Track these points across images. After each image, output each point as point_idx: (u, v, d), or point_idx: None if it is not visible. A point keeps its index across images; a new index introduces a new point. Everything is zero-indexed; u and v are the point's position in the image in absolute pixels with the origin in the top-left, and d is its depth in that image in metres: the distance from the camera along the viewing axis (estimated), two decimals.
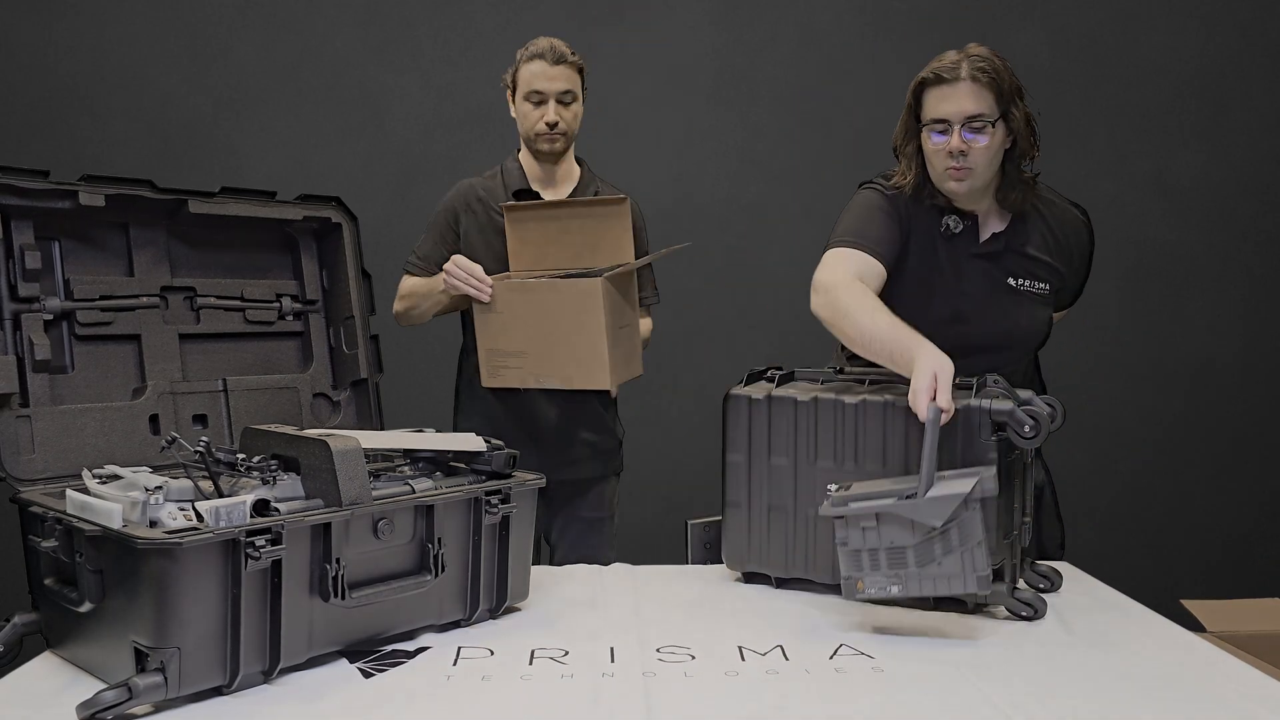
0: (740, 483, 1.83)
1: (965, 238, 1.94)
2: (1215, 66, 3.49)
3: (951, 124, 1.82)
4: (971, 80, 1.81)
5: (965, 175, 1.85)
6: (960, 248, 1.95)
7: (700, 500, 2.19)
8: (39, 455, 1.65)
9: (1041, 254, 1.97)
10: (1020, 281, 1.95)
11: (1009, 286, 1.95)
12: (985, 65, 1.81)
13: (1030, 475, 1.78)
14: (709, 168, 3.48)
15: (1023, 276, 1.95)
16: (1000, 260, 1.95)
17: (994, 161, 1.87)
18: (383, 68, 3.42)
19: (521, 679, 1.46)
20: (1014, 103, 1.84)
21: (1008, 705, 1.35)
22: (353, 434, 1.57)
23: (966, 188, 1.87)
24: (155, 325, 1.86)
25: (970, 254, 1.95)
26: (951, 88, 1.82)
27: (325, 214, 2.04)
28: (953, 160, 1.84)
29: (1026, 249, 1.96)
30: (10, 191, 1.66)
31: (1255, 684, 1.44)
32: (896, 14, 3.47)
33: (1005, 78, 1.83)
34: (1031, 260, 1.96)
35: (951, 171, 1.85)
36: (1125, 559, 2.77)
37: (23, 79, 3.29)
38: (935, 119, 1.84)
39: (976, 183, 1.87)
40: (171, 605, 1.31)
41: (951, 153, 1.83)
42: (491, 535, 1.70)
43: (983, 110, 1.81)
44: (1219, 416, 3.55)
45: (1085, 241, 2.02)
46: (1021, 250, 1.95)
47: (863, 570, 1.56)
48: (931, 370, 1.58)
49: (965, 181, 1.86)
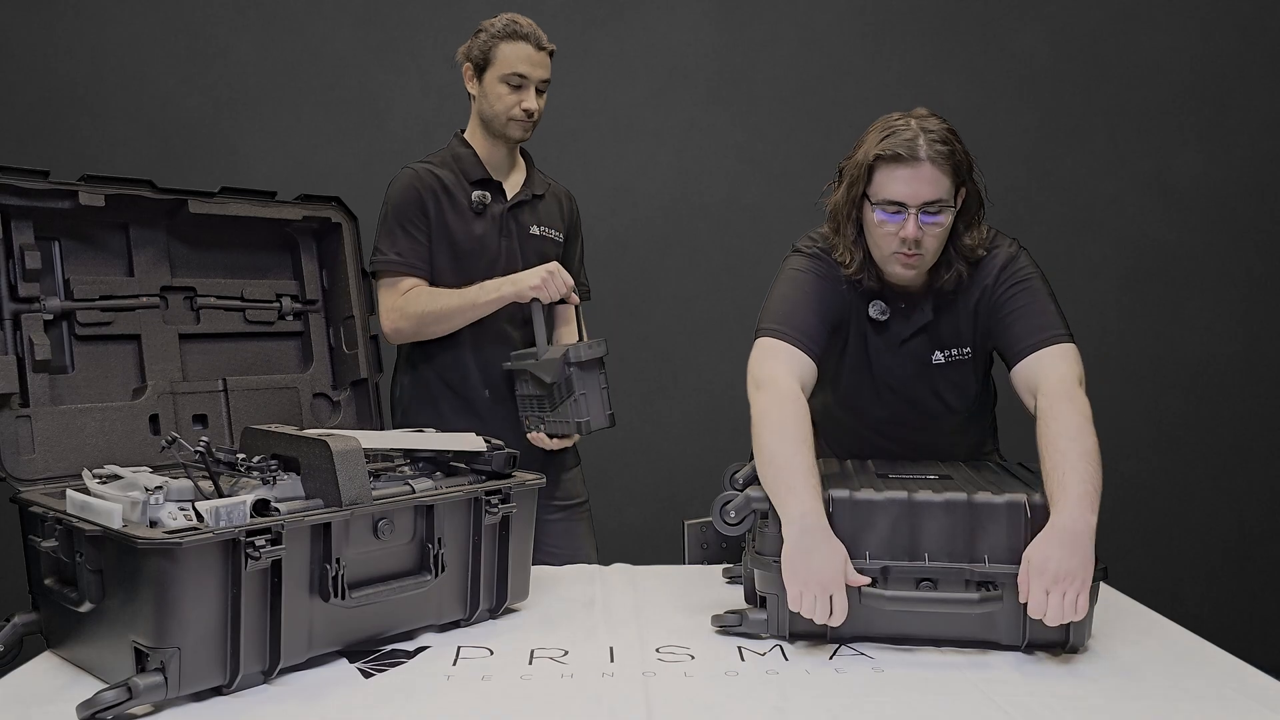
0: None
1: (894, 324, 1.82)
2: (1215, 66, 3.49)
3: (908, 207, 1.66)
4: (931, 162, 1.64)
5: (916, 262, 1.71)
6: (889, 335, 1.83)
7: (699, 500, 2.19)
8: (39, 455, 1.65)
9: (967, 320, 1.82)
10: (948, 354, 1.84)
11: (934, 364, 1.84)
12: (944, 144, 1.65)
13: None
14: (709, 168, 3.47)
15: (948, 348, 1.83)
16: (927, 341, 1.83)
17: (943, 243, 1.73)
18: (383, 68, 3.42)
19: (521, 679, 1.46)
20: (968, 177, 1.71)
21: (1008, 704, 1.35)
22: (353, 434, 1.56)
23: (914, 275, 1.74)
24: (155, 325, 1.86)
25: (900, 340, 1.83)
26: (911, 170, 1.64)
27: (325, 214, 2.04)
28: (904, 247, 1.68)
29: (954, 321, 1.82)
30: (10, 191, 1.66)
31: (1255, 683, 1.44)
32: (896, 14, 3.47)
33: (960, 153, 1.68)
34: (957, 330, 1.82)
35: (901, 257, 1.70)
36: (1125, 559, 2.76)
37: (23, 79, 3.29)
38: (890, 200, 1.67)
39: (925, 267, 1.74)
40: (171, 605, 1.31)
41: (905, 239, 1.67)
42: (491, 535, 1.70)
43: (941, 195, 1.66)
44: (1219, 416, 3.54)
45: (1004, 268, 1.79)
46: (949, 324, 1.82)
47: (529, 412, 2.13)
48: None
49: (914, 269, 1.72)
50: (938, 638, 1.57)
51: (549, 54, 2.20)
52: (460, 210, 2.20)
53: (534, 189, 2.29)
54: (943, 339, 1.84)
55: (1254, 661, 1.51)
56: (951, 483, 1.65)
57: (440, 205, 2.19)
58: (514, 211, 2.25)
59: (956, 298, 1.81)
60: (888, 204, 1.67)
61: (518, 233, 2.24)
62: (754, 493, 1.61)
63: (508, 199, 2.25)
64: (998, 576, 1.54)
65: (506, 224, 2.23)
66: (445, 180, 2.21)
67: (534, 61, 2.16)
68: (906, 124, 1.67)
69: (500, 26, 2.17)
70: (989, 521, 1.56)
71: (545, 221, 2.29)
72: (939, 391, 1.88)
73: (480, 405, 2.22)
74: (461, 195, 2.21)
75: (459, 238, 2.19)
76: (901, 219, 1.67)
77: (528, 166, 2.33)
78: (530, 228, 2.26)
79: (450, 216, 2.19)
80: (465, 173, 2.22)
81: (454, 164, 2.24)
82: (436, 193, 2.19)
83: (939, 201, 1.67)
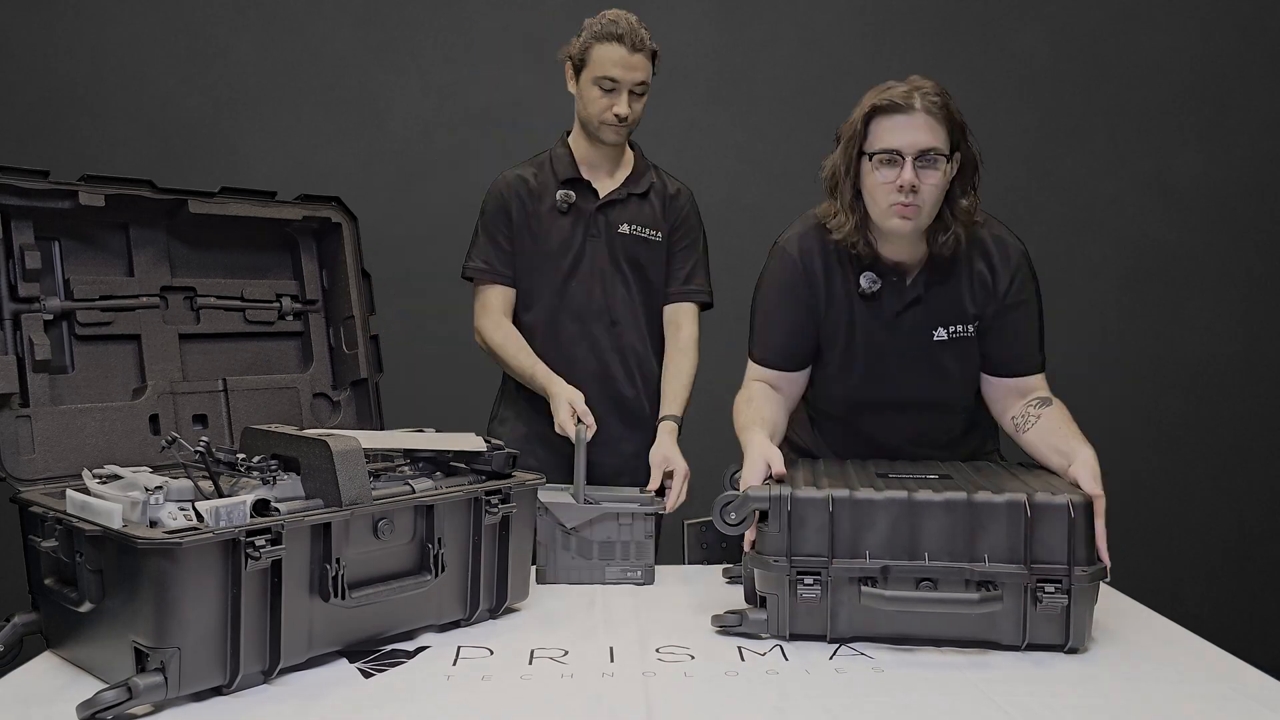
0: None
1: (886, 297, 1.84)
2: (1215, 66, 3.49)
3: (903, 155, 1.69)
4: (926, 112, 1.69)
5: (914, 213, 1.72)
6: (881, 308, 1.84)
7: (699, 500, 2.19)
8: (39, 455, 1.65)
9: (968, 293, 1.84)
10: (951, 330, 1.84)
11: (935, 340, 1.84)
12: (937, 98, 1.71)
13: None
14: (709, 168, 3.47)
15: (951, 324, 1.84)
16: (926, 314, 1.84)
17: (940, 200, 1.75)
18: (383, 68, 3.42)
19: (521, 679, 1.46)
20: (963, 138, 1.74)
21: (1008, 704, 1.35)
22: (353, 434, 1.56)
23: (913, 227, 1.74)
24: (155, 325, 1.86)
25: (894, 314, 1.84)
26: (906, 118, 1.69)
27: (325, 214, 2.04)
28: (902, 196, 1.70)
29: (954, 293, 1.84)
30: (10, 191, 1.66)
31: (1255, 683, 1.44)
32: (897, 14, 3.47)
33: (955, 112, 1.73)
34: (959, 304, 1.84)
35: (899, 208, 1.71)
36: (1125, 559, 2.76)
37: (23, 79, 3.28)
38: (886, 150, 1.70)
39: (922, 221, 1.75)
40: (171, 605, 1.31)
41: (902, 188, 1.69)
42: (491, 535, 1.70)
43: (936, 144, 1.70)
44: (1219, 416, 3.54)
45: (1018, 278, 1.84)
46: (948, 296, 1.84)
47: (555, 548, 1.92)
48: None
49: (913, 220, 1.73)
50: (938, 638, 1.57)
51: (650, 55, 2.15)
52: (547, 210, 2.23)
53: (634, 188, 2.26)
54: (943, 315, 1.84)
55: (1254, 661, 1.51)
56: (951, 482, 1.65)
57: (525, 208, 2.23)
58: (603, 210, 2.24)
59: (954, 270, 1.83)
60: (884, 154, 1.71)
61: (606, 231, 2.24)
62: (754, 493, 1.61)
63: (599, 197, 2.25)
64: (998, 576, 1.54)
65: (594, 223, 2.24)
66: (534, 182, 2.25)
67: (628, 65, 2.11)
68: (901, 82, 1.74)
69: (601, 25, 2.13)
70: (989, 521, 1.56)
71: (638, 220, 2.26)
72: (942, 371, 1.87)
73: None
74: (549, 196, 2.24)
75: (541, 237, 2.23)
76: (898, 168, 1.70)
77: (636, 164, 2.30)
78: (620, 226, 2.25)
79: (535, 217, 2.23)
80: (557, 173, 2.25)
81: (549, 164, 2.27)
82: (522, 196, 2.24)
83: (934, 150, 1.70)
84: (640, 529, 1.91)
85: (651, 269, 2.28)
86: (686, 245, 2.32)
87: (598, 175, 2.26)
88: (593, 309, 2.23)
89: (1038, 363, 1.88)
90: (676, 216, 2.32)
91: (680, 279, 2.31)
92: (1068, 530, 1.55)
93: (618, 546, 1.92)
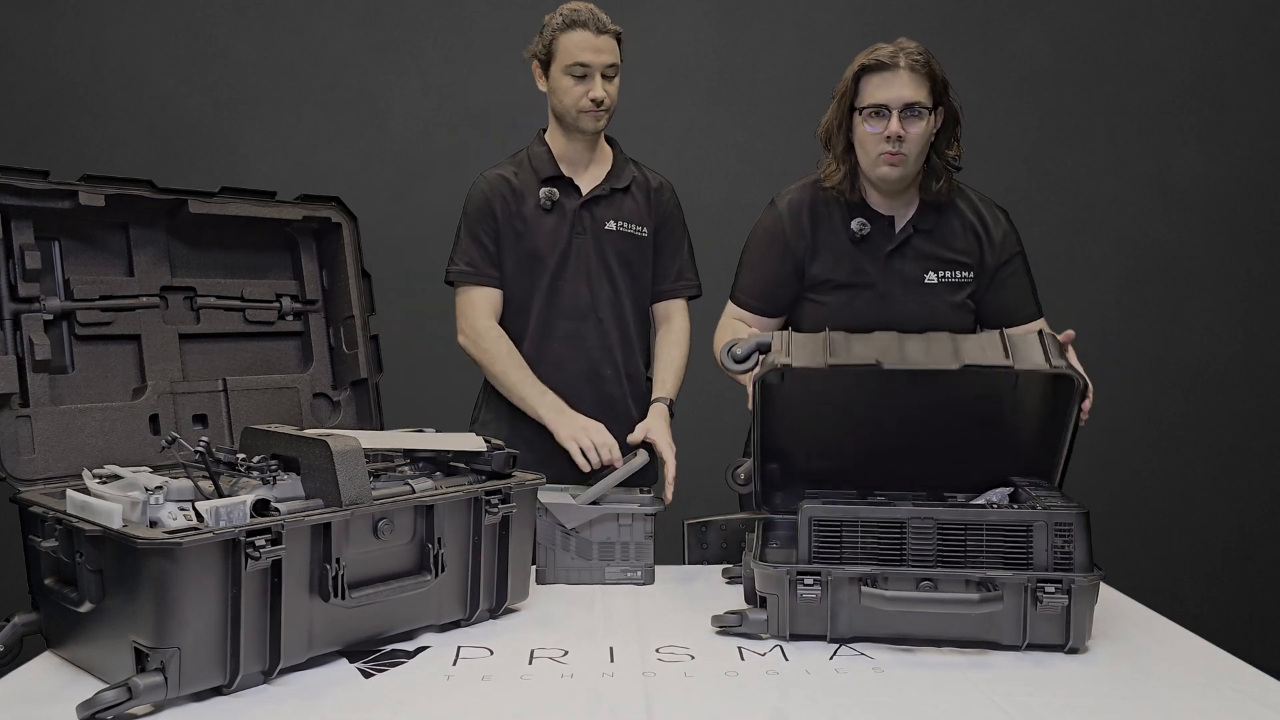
0: None
1: (877, 238, 2.02)
2: (1215, 67, 3.49)
3: (890, 109, 1.89)
4: (909, 70, 1.90)
5: (900, 161, 1.92)
6: (873, 249, 2.02)
7: (698, 501, 2.19)
8: (39, 455, 1.65)
9: (960, 241, 2.02)
10: (941, 274, 2.00)
11: (926, 284, 2.00)
12: (920, 57, 1.91)
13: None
14: (709, 168, 3.47)
15: (942, 269, 2.01)
16: (917, 257, 2.01)
17: (925, 150, 1.95)
18: (383, 68, 3.42)
19: (521, 679, 1.46)
20: (945, 94, 1.94)
21: (1009, 705, 1.35)
22: (353, 434, 1.56)
23: (899, 174, 1.94)
24: (155, 325, 1.86)
25: (885, 253, 2.01)
26: (892, 74, 1.90)
27: (325, 214, 2.04)
28: (889, 145, 1.90)
29: (943, 239, 2.01)
30: (10, 191, 1.66)
31: (1255, 683, 1.44)
32: (896, 14, 3.46)
33: (937, 70, 1.93)
34: (949, 249, 2.01)
35: (886, 157, 1.92)
36: (1125, 559, 2.77)
37: (23, 79, 3.29)
38: (874, 104, 1.91)
39: (908, 170, 1.94)
40: (171, 605, 1.31)
41: (889, 138, 1.90)
42: (491, 535, 1.70)
43: (919, 98, 1.90)
44: (1219, 416, 3.54)
45: (1008, 230, 2.05)
46: (938, 241, 2.01)
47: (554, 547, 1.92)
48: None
49: (899, 168, 1.93)
50: (938, 638, 1.57)
51: (614, 36, 2.14)
52: (530, 209, 2.21)
53: (616, 183, 2.25)
54: (934, 260, 2.01)
55: (1254, 661, 1.51)
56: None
57: (509, 208, 2.21)
58: (588, 207, 2.23)
59: (943, 218, 2.02)
60: (872, 108, 1.92)
61: (592, 228, 2.23)
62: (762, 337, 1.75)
63: (582, 194, 2.23)
64: (997, 576, 1.54)
65: (580, 220, 2.22)
66: (516, 181, 2.22)
67: (596, 47, 2.11)
68: (888, 44, 1.95)
69: (562, 17, 2.14)
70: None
71: (625, 216, 2.25)
72: (933, 313, 1.98)
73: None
74: (532, 194, 2.22)
75: (526, 237, 2.21)
76: (885, 120, 1.90)
77: (615, 159, 2.29)
78: (606, 223, 2.23)
79: (519, 217, 2.21)
80: (537, 171, 2.23)
81: (528, 163, 2.25)
82: (505, 196, 2.21)
83: (917, 104, 1.90)
84: (640, 529, 1.91)
85: (638, 265, 2.27)
86: (674, 240, 2.33)
87: (578, 171, 2.25)
88: (580, 307, 2.21)
89: (1034, 310, 2.07)
90: (662, 211, 2.31)
91: (671, 275, 2.32)
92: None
93: (617, 547, 1.92)
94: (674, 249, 2.32)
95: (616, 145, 2.31)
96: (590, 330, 2.23)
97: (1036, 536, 1.55)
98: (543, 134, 2.28)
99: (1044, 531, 1.55)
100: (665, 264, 2.31)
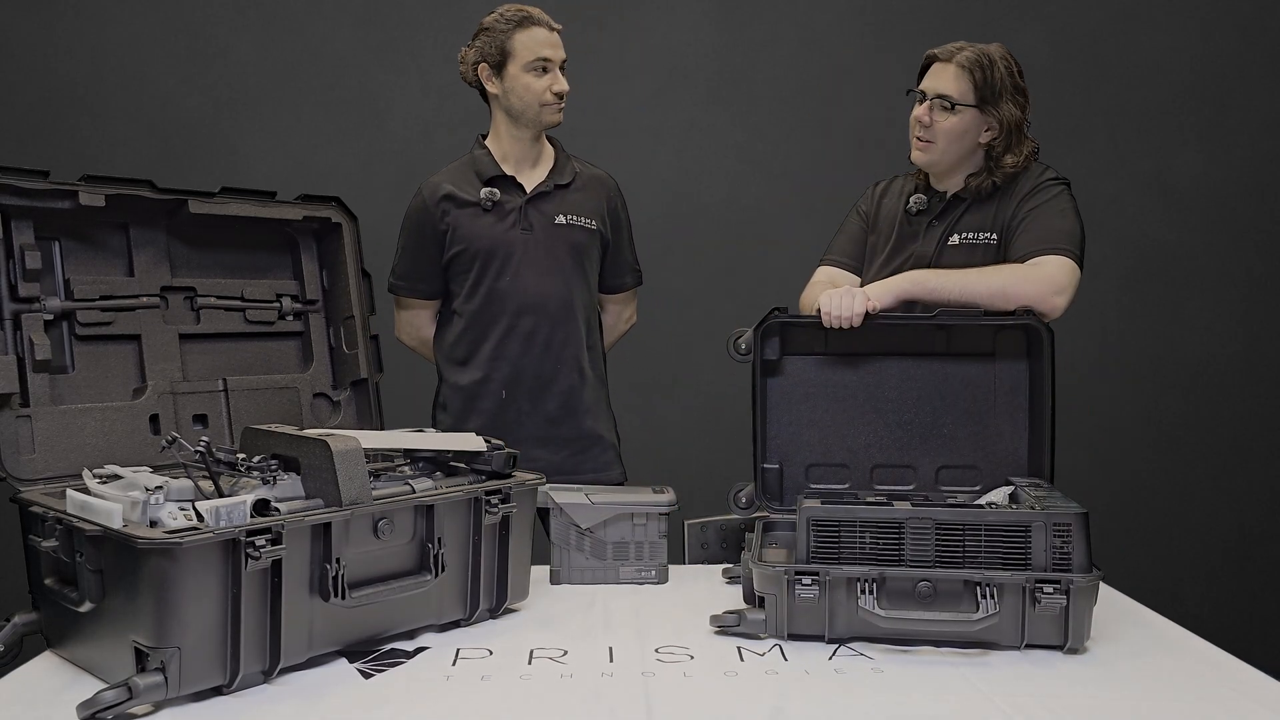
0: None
1: (927, 213, 2.09)
2: (1215, 66, 3.49)
3: (926, 96, 1.99)
4: (957, 66, 1.96)
5: (925, 148, 2.01)
6: (920, 219, 2.09)
7: (699, 501, 2.19)
8: (39, 455, 1.65)
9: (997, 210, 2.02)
10: (964, 235, 2.04)
11: (949, 245, 2.04)
12: (978, 58, 1.96)
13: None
14: (709, 168, 3.47)
15: (968, 231, 2.04)
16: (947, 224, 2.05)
17: (957, 145, 2.00)
18: (383, 68, 3.42)
19: (521, 679, 1.46)
20: (1000, 101, 1.97)
21: (1008, 705, 1.35)
22: (353, 434, 1.57)
23: (924, 159, 2.03)
24: (155, 325, 1.86)
25: (926, 224, 2.08)
26: (943, 67, 1.99)
27: (325, 214, 2.04)
28: (918, 130, 2.00)
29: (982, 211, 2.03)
30: (10, 191, 1.66)
31: (1255, 683, 1.44)
32: (897, 14, 3.46)
33: (996, 75, 1.96)
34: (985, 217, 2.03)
35: (915, 140, 2.02)
36: (1125, 559, 2.77)
37: (23, 79, 3.29)
38: (917, 89, 2.02)
39: (934, 158, 2.02)
40: (171, 605, 1.31)
41: (918, 119, 2.00)
42: (491, 535, 1.70)
43: (952, 93, 1.96)
44: (1219, 416, 3.54)
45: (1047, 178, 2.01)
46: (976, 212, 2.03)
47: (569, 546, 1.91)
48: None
49: (924, 154, 2.02)
50: (937, 638, 1.57)
51: (558, 33, 2.22)
52: (473, 212, 2.24)
53: (560, 179, 2.28)
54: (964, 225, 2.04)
55: (1254, 661, 1.51)
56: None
57: (449, 214, 2.24)
58: (534, 203, 2.25)
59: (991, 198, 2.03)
60: (916, 93, 2.03)
61: (540, 224, 2.24)
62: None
63: (526, 192, 2.25)
64: (996, 577, 1.54)
65: (525, 217, 2.24)
66: (454, 187, 2.25)
67: (553, 43, 2.19)
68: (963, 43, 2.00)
69: (510, 17, 2.18)
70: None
71: (574, 210, 2.27)
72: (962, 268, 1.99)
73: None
74: (473, 197, 2.25)
75: (472, 239, 2.23)
76: (924, 105, 1.99)
77: (557, 156, 2.32)
78: (555, 218, 2.25)
79: (461, 221, 2.24)
80: (479, 173, 2.26)
81: (470, 166, 2.28)
82: (443, 203, 2.25)
83: (949, 98, 1.96)
84: (654, 528, 1.91)
85: (589, 258, 2.30)
86: (622, 232, 2.37)
87: (523, 170, 2.28)
88: (528, 303, 2.23)
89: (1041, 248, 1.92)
90: (611, 204, 2.35)
91: (623, 268, 2.38)
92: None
93: (632, 546, 1.91)
94: (623, 241, 2.38)
95: (557, 144, 2.35)
96: (539, 325, 2.24)
97: (1035, 537, 1.55)
98: (482, 139, 2.32)
99: (1042, 532, 1.55)
100: (615, 256, 2.37)
